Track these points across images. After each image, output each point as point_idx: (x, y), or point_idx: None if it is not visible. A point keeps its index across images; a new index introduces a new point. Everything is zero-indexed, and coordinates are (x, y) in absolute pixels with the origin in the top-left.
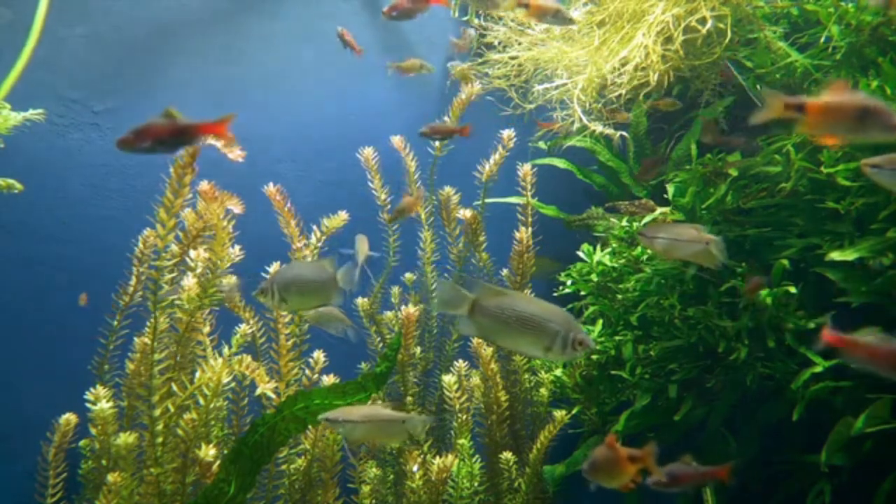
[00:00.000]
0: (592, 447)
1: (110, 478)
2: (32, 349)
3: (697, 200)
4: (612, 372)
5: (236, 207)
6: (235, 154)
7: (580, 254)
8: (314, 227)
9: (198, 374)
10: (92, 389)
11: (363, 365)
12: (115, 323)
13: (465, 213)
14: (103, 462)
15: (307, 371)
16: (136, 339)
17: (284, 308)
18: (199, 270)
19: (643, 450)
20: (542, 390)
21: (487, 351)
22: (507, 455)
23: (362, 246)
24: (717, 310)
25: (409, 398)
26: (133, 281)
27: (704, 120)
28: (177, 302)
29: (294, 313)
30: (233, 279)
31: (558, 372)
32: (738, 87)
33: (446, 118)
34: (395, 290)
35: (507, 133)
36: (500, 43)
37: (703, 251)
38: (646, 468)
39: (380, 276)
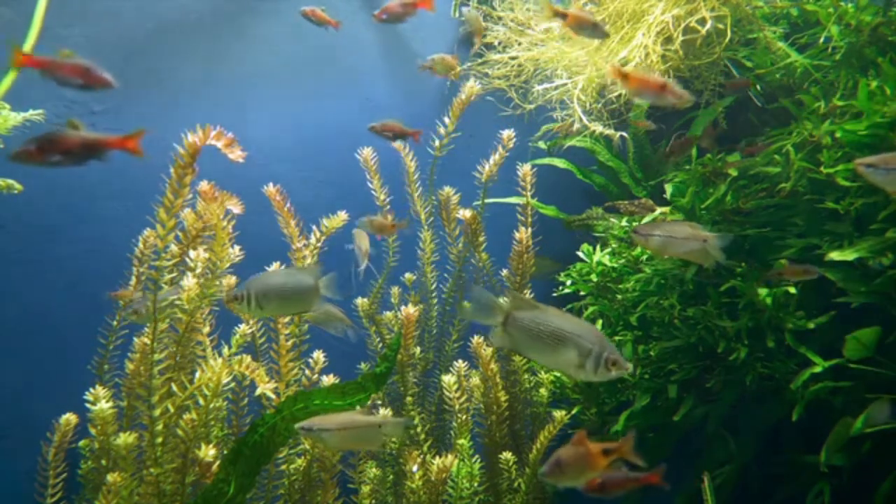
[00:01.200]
0: None
1: (110, 478)
2: (32, 349)
3: (697, 200)
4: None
5: (236, 208)
6: (236, 154)
7: (580, 254)
8: (314, 227)
9: (197, 375)
10: (92, 389)
11: (363, 365)
12: (115, 323)
13: (465, 214)
14: (103, 462)
15: (307, 371)
16: (135, 340)
17: (259, 315)
18: (198, 270)
19: (621, 440)
20: (542, 390)
21: (487, 351)
22: (507, 455)
23: (362, 241)
24: (716, 310)
25: (408, 398)
26: (133, 281)
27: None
28: (176, 302)
29: (292, 315)
30: (232, 280)
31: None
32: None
33: (446, 119)
34: (395, 290)
35: (507, 133)
36: (499, 43)
37: (700, 249)
38: (625, 460)
39: (380, 275)
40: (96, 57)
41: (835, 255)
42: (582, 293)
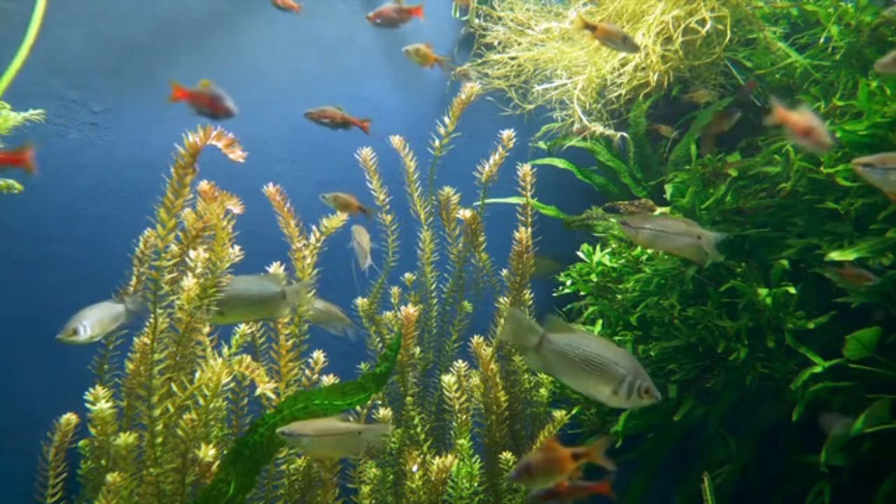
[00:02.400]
0: None
1: (109, 478)
2: (32, 349)
3: (697, 201)
4: None
5: (236, 208)
6: (236, 154)
7: (580, 254)
8: (313, 227)
9: (197, 375)
10: (91, 389)
11: (363, 365)
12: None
13: (465, 214)
14: (103, 462)
15: (307, 371)
16: (135, 340)
17: (221, 322)
18: (198, 270)
19: (594, 446)
20: (542, 390)
21: (487, 351)
22: (507, 455)
23: (362, 238)
24: (716, 310)
25: (408, 398)
26: (133, 281)
27: (703, 130)
28: (176, 302)
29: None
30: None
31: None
32: (737, 87)
33: (446, 119)
34: (395, 290)
35: (507, 133)
36: (499, 43)
37: (694, 246)
38: (596, 464)
39: (380, 274)
40: (95, 57)
41: (835, 256)
42: (582, 293)
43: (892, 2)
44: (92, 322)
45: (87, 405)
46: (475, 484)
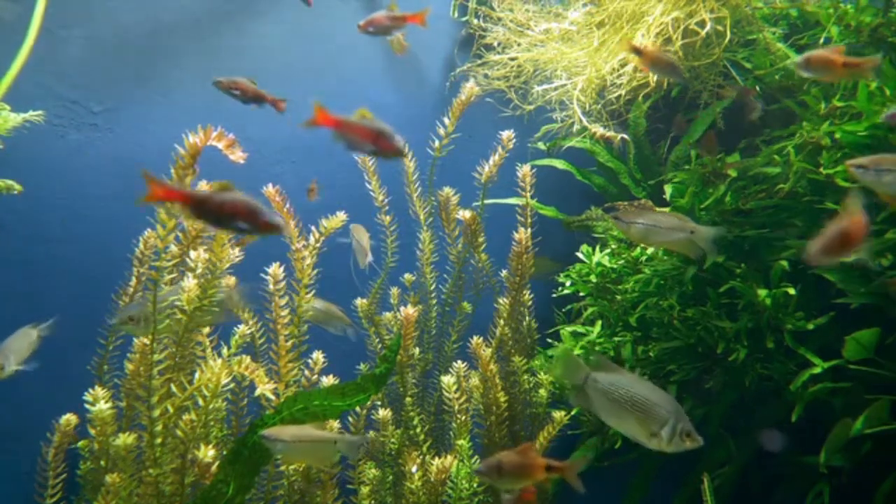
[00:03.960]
0: (592, 448)
1: (109, 479)
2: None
3: (696, 201)
4: None
5: None
6: (237, 155)
7: (579, 255)
8: (312, 228)
9: (197, 375)
10: (91, 390)
11: (362, 366)
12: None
13: (465, 214)
14: (102, 463)
15: (306, 372)
16: (135, 340)
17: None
18: (199, 271)
19: (569, 463)
20: (542, 391)
21: (486, 352)
22: None
23: (361, 236)
24: (716, 311)
25: (408, 399)
26: (133, 282)
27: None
28: (176, 303)
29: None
30: (232, 280)
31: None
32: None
33: (446, 120)
34: (394, 290)
35: (507, 134)
36: (499, 44)
37: (687, 240)
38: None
39: (378, 275)
40: (95, 58)
41: None
42: (581, 294)
43: (892, 3)
44: (13, 354)
45: (87, 406)
46: (474, 484)
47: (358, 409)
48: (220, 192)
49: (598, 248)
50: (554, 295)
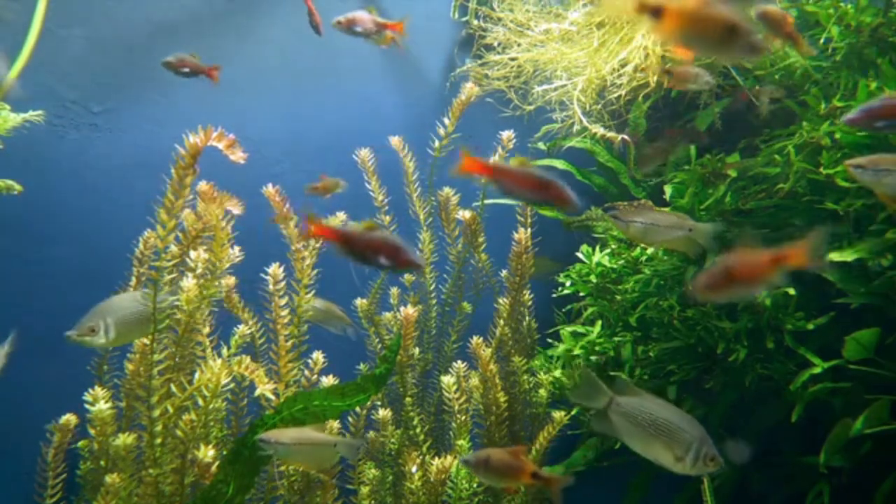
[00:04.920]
0: (592, 448)
1: (109, 479)
2: (31, 349)
3: (696, 201)
4: (611, 373)
5: (235, 208)
6: (237, 156)
7: (579, 255)
8: None
9: (197, 375)
10: (91, 390)
11: (362, 366)
12: None
13: (465, 214)
14: (102, 463)
15: (306, 372)
16: (135, 340)
17: (114, 344)
18: (199, 271)
19: (555, 477)
20: (542, 391)
21: (486, 352)
22: None
23: None
24: (716, 311)
25: (408, 399)
26: (133, 282)
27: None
28: (175, 303)
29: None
30: (231, 280)
31: (557, 373)
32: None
33: (446, 120)
34: (394, 290)
35: (507, 134)
36: (499, 44)
37: (685, 238)
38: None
39: (378, 274)
40: (95, 58)
41: (834, 256)
42: (581, 294)
43: (892, 3)
44: None
45: (87, 406)
46: (474, 485)
47: (358, 409)
48: (366, 231)
49: (598, 248)
50: (554, 295)
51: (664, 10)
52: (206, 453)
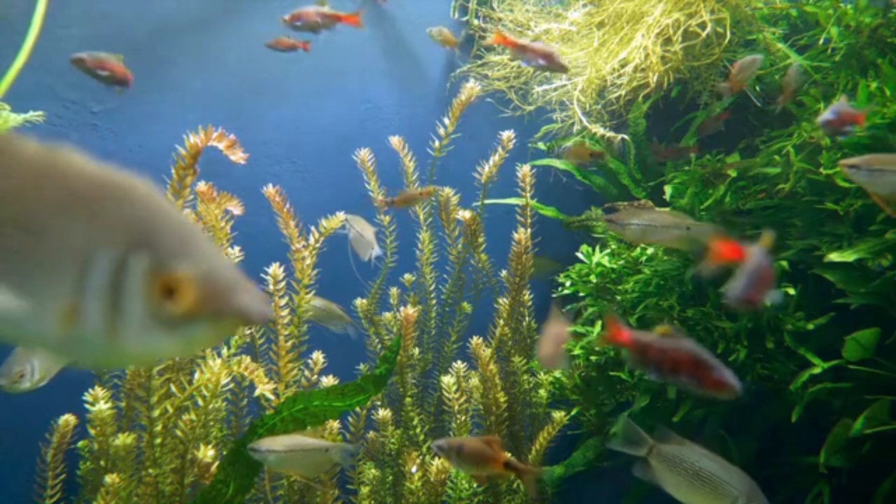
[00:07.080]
0: (592, 448)
1: (108, 479)
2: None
3: (696, 201)
4: (611, 373)
5: (235, 209)
6: (237, 156)
7: (579, 255)
8: (312, 228)
9: (197, 375)
10: (91, 390)
11: (362, 366)
12: None
13: (465, 214)
14: (102, 463)
15: (306, 372)
16: None
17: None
18: None
19: (528, 467)
20: (541, 391)
21: (486, 352)
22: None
23: (363, 228)
24: (716, 311)
25: (408, 399)
26: None
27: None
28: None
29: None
30: None
31: (557, 373)
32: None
33: (446, 120)
34: (394, 291)
35: (507, 134)
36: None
37: (684, 236)
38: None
39: (379, 272)
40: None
41: (834, 257)
42: (581, 294)
43: (892, 4)
44: None
45: (87, 406)
46: (474, 485)
47: (358, 409)
48: (668, 341)
49: (597, 249)
50: (554, 295)
51: None
52: (206, 453)
